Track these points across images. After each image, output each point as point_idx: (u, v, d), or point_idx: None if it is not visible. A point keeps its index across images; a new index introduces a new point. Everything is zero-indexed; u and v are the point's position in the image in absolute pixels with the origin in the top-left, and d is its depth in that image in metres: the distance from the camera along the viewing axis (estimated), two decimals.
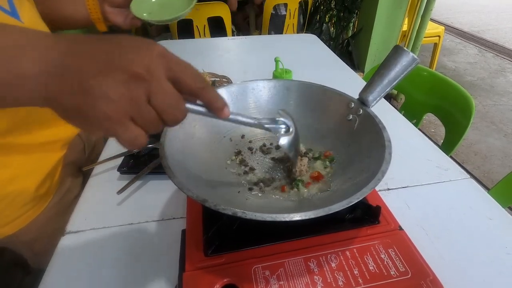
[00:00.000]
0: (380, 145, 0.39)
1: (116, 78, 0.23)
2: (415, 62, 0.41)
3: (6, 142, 0.49)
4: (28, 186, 0.52)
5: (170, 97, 0.25)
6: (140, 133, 0.25)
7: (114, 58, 0.23)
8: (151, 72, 0.24)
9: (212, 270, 0.36)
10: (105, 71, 0.23)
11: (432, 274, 0.35)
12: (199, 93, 0.27)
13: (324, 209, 0.30)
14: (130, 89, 0.23)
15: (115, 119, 0.23)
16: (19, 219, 0.53)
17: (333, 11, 2.38)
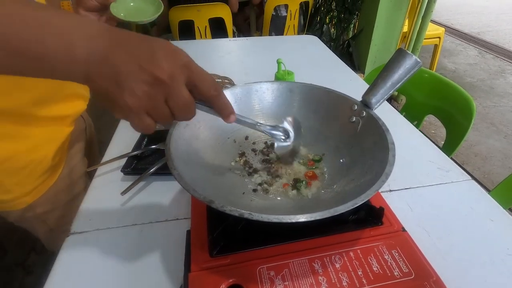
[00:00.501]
0: (383, 147, 0.39)
1: (144, 78, 0.28)
2: (418, 65, 0.42)
3: (29, 113, 0.55)
4: (46, 155, 0.58)
5: (184, 102, 0.30)
6: (151, 124, 0.30)
7: (146, 60, 0.28)
8: (173, 79, 0.29)
9: (217, 271, 0.36)
10: (137, 70, 0.28)
11: (435, 275, 0.35)
12: (212, 101, 0.33)
13: (330, 211, 0.30)
14: (151, 90, 0.28)
15: (134, 110, 0.28)
16: (37, 188, 0.59)
17: (334, 12, 2.39)
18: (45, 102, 0.56)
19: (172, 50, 0.30)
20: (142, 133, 0.34)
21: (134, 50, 0.28)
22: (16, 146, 0.54)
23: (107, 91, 0.28)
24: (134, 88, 0.28)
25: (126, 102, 0.28)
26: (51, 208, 0.62)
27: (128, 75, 0.27)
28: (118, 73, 0.27)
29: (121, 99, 0.28)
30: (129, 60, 0.28)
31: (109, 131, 0.74)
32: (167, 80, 0.28)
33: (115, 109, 0.29)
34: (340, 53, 2.27)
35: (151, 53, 0.28)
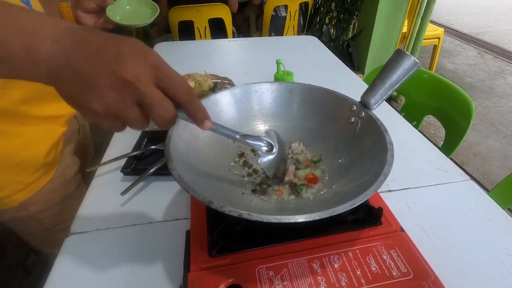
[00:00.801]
0: (382, 147, 0.39)
1: (109, 82, 0.26)
2: (417, 66, 0.42)
3: (22, 111, 0.54)
4: (39, 153, 0.58)
5: (158, 101, 0.28)
6: (121, 127, 0.29)
7: (110, 62, 0.26)
8: (139, 80, 0.27)
9: (216, 271, 0.36)
10: (101, 73, 0.26)
11: (434, 275, 0.36)
12: (185, 105, 0.31)
13: (328, 211, 0.30)
14: (118, 93, 0.27)
15: (101, 115, 0.27)
16: (31, 186, 0.58)
17: (333, 13, 2.39)
18: (37, 100, 0.56)
19: (139, 50, 0.28)
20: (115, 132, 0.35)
21: (98, 51, 0.27)
22: (8, 143, 0.54)
23: (72, 94, 0.27)
24: (100, 92, 0.26)
25: (93, 107, 0.26)
26: (46, 207, 0.62)
27: (92, 79, 0.26)
28: (81, 77, 0.26)
29: (87, 104, 0.26)
30: (93, 63, 0.26)
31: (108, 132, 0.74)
32: (133, 81, 0.26)
33: (83, 113, 0.28)
34: (339, 54, 2.27)
35: (116, 54, 0.27)
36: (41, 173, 0.59)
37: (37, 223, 0.63)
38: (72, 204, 0.56)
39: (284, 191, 0.45)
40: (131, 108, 0.28)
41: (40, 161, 0.58)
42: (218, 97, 0.49)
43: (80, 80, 0.26)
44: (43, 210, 0.62)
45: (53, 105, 0.59)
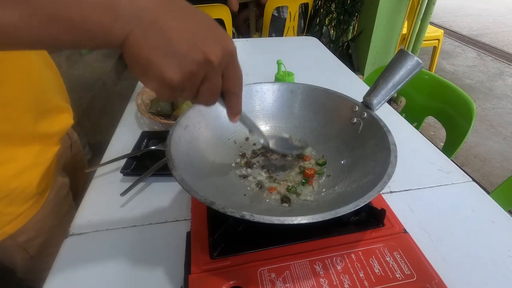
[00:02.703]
0: (385, 148, 0.39)
1: (194, 56, 0.26)
2: (420, 66, 0.42)
3: (12, 130, 0.50)
4: (31, 182, 0.53)
5: (217, 88, 0.30)
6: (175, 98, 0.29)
7: (201, 37, 0.26)
8: (220, 64, 0.28)
9: (217, 273, 0.36)
10: (190, 45, 0.26)
11: (437, 277, 0.35)
12: (230, 96, 0.33)
13: (331, 212, 0.30)
14: (198, 69, 0.27)
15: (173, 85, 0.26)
16: (21, 216, 0.53)
17: (333, 14, 2.39)
18: (29, 114, 0.51)
19: (226, 35, 0.29)
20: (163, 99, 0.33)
21: (186, 20, 0.26)
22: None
23: (149, 59, 0.25)
24: (182, 63, 0.26)
25: (169, 76, 0.25)
26: (35, 235, 0.56)
27: (178, 48, 0.25)
28: (167, 42, 0.25)
29: (164, 71, 0.25)
30: (182, 32, 0.26)
31: (108, 132, 0.73)
32: (216, 64, 0.27)
33: (150, 79, 0.26)
34: (339, 55, 2.27)
35: (206, 30, 0.27)
36: (33, 201, 0.54)
37: (21, 252, 0.57)
38: (62, 229, 0.50)
39: (276, 199, 0.44)
40: (198, 83, 0.28)
41: (33, 190, 0.53)
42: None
43: (165, 45, 0.25)
44: (32, 239, 0.56)
45: (45, 120, 0.55)
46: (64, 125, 0.61)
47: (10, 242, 0.54)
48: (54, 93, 0.58)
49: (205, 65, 0.27)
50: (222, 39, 0.28)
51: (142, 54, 0.25)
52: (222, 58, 0.28)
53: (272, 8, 1.93)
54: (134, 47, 0.25)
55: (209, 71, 0.28)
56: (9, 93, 0.48)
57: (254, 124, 0.42)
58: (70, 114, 0.63)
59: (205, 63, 0.27)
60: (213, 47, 0.27)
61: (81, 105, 1.82)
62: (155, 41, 0.25)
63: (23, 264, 0.59)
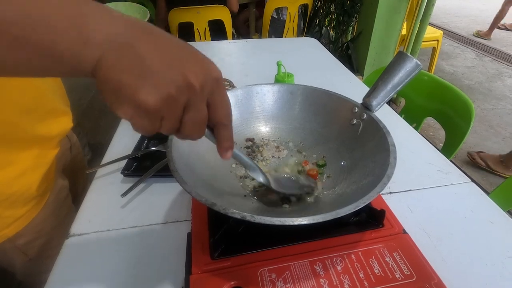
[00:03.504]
0: (384, 149, 0.39)
1: (173, 79, 0.24)
2: (419, 68, 0.42)
3: (12, 131, 0.49)
4: (31, 184, 0.53)
5: (202, 118, 0.27)
6: (153, 129, 0.26)
7: (179, 60, 0.24)
8: (203, 89, 0.25)
9: (218, 273, 0.36)
10: (167, 67, 0.24)
11: (437, 277, 0.35)
12: (219, 127, 0.29)
13: (332, 213, 0.30)
14: (177, 94, 0.24)
15: (149, 111, 0.24)
16: (21, 219, 0.53)
17: (333, 15, 2.40)
18: (28, 117, 0.51)
19: (207, 59, 0.27)
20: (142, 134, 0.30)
21: (162, 44, 0.24)
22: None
23: (122, 83, 0.23)
24: (159, 86, 0.23)
25: (143, 98, 0.23)
26: (35, 237, 0.56)
27: (155, 70, 0.23)
28: (143, 65, 0.23)
29: (137, 92, 0.23)
30: (159, 55, 0.24)
31: (108, 132, 0.73)
32: (196, 88, 0.25)
33: (122, 105, 0.24)
34: (339, 56, 2.28)
35: (185, 54, 0.25)
36: (32, 204, 0.54)
37: (20, 254, 0.57)
38: (61, 232, 0.50)
39: (277, 200, 0.44)
40: (179, 111, 0.25)
41: (32, 193, 0.53)
42: None
43: (141, 68, 0.23)
44: (31, 241, 0.56)
45: (45, 122, 0.55)
46: (63, 128, 0.61)
47: (9, 245, 0.54)
48: (54, 96, 0.58)
49: (186, 89, 0.24)
50: (205, 63, 0.26)
51: (113, 76, 0.23)
52: (205, 82, 0.25)
53: (272, 9, 1.93)
54: (104, 70, 0.23)
55: (191, 97, 0.25)
56: (9, 96, 0.48)
57: (250, 160, 0.39)
58: (70, 117, 0.64)
59: (186, 86, 0.24)
60: (195, 69, 0.25)
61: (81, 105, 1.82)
62: (128, 62, 0.23)
63: (23, 266, 0.59)
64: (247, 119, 0.52)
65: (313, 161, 0.50)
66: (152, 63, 0.23)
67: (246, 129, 0.52)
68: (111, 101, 0.24)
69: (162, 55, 0.24)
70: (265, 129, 0.53)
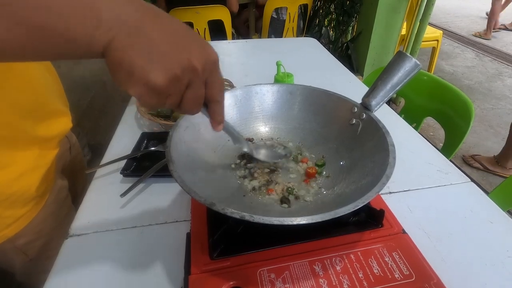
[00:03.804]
0: (383, 149, 0.39)
1: (179, 61, 0.26)
2: (418, 68, 0.42)
3: (12, 132, 0.50)
4: (30, 185, 0.53)
5: (200, 96, 0.30)
6: (162, 105, 0.29)
7: (184, 44, 0.27)
8: (204, 71, 0.28)
9: (217, 273, 0.36)
10: (174, 50, 0.26)
11: (436, 277, 0.35)
12: (212, 104, 0.33)
13: (331, 213, 0.30)
14: (182, 74, 0.27)
15: (157, 89, 0.26)
16: (21, 219, 0.53)
17: (333, 15, 2.40)
18: (28, 118, 0.52)
19: (206, 43, 0.29)
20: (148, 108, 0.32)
21: (170, 29, 0.27)
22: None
23: (134, 63, 0.25)
24: (167, 67, 0.26)
25: (154, 79, 0.25)
26: (35, 238, 0.57)
27: (164, 52, 0.26)
28: (153, 47, 0.25)
29: (148, 74, 0.25)
30: (166, 38, 0.26)
31: (107, 133, 0.73)
32: (198, 70, 0.28)
33: (133, 84, 0.26)
34: (339, 56, 2.28)
35: (189, 38, 0.28)
36: (32, 205, 0.54)
37: (20, 255, 0.57)
38: (61, 232, 0.50)
39: (275, 200, 0.44)
40: (182, 90, 0.28)
41: (32, 194, 0.53)
42: None
43: (150, 49, 0.25)
44: (31, 242, 0.56)
45: (44, 123, 0.55)
46: (63, 128, 0.62)
47: (9, 245, 0.54)
48: (53, 97, 0.58)
49: (189, 70, 0.27)
50: (205, 47, 0.29)
51: (126, 58, 0.25)
52: (205, 65, 0.28)
53: (271, 9, 1.93)
54: (117, 51, 0.25)
55: (193, 77, 0.28)
56: (8, 97, 0.48)
57: (238, 133, 0.43)
58: (69, 117, 0.64)
59: (189, 68, 0.27)
60: (197, 54, 0.27)
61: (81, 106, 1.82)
62: (139, 45, 0.25)
63: (22, 267, 0.59)
64: (246, 119, 0.52)
65: (313, 161, 0.50)
66: (161, 45, 0.26)
67: (246, 129, 0.52)
68: (123, 81, 0.26)
69: (170, 38, 0.26)
70: (265, 129, 0.53)
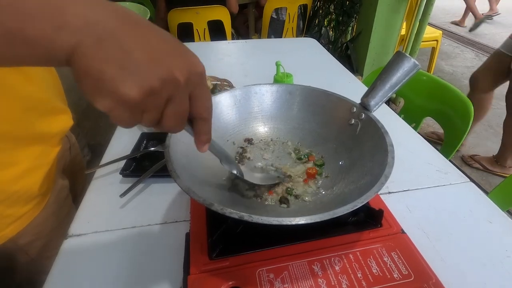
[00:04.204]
0: (382, 149, 0.39)
1: (158, 72, 0.23)
2: (416, 68, 0.42)
3: (14, 130, 0.49)
4: (32, 184, 0.53)
5: (184, 111, 0.26)
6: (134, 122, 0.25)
7: (164, 53, 0.24)
8: (187, 83, 0.25)
9: (216, 273, 0.36)
10: (152, 59, 0.23)
11: (435, 277, 0.35)
12: (198, 121, 0.29)
13: (329, 213, 0.30)
14: (161, 87, 0.23)
15: (130, 103, 0.23)
16: (22, 218, 0.53)
17: (332, 15, 2.40)
18: (28, 115, 0.51)
19: (190, 52, 0.26)
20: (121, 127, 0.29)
21: (148, 36, 0.24)
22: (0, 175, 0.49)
23: (102, 73, 0.22)
24: (142, 77, 0.22)
25: (126, 93, 0.22)
26: (36, 237, 0.56)
27: (140, 61, 0.22)
28: (126, 56, 0.22)
29: (118, 85, 0.22)
30: (143, 46, 0.23)
31: (107, 133, 0.73)
32: (181, 82, 0.24)
33: (101, 97, 0.22)
34: (338, 56, 2.28)
35: (170, 47, 0.24)
36: (34, 204, 0.54)
37: (22, 254, 0.57)
38: (62, 232, 0.50)
39: (275, 200, 0.44)
40: (161, 105, 0.25)
41: (34, 193, 0.53)
42: (218, 99, 0.49)
43: (123, 56, 0.22)
44: (32, 241, 0.56)
45: (45, 120, 0.55)
46: (64, 125, 0.61)
47: (10, 245, 0.54)
48: (52, 94, 0.58)
49: (170, 82, 0.24)
50: (190, 58, 0.26)
51: (94, 66, 0.21)
52: (189, 77, 0.25)
53: (271, 9, 1.93)
54: (83, 59, 0.21)
55: (174, 90, 0.24)
56: (10, 94, 0.48)
57: (226, 153, 0.39)
58: (69, 115, 0.64)
59: (170, 80, 0.23)
60: (179, 63, 0.24)
61: (81, 105, 1.82)
62: (110, 52, 0.22)
63: (24, 266, 0.59)
64: (245, 119, 0.52)
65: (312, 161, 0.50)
66: (136, 53, 0.22)
67: (245, 129, 0.52)
68: (89, 92, 0.22)
69: (146, 47, 0.23)
70: (264, 129, 0.53)
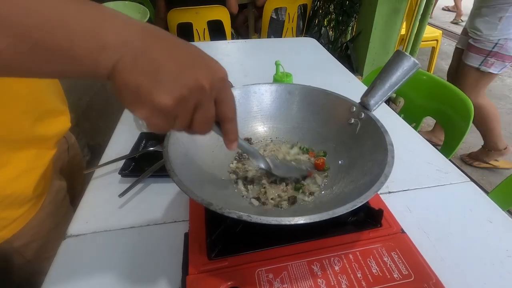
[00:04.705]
0: (382, 148, 0.39)
1: (185, 81, 0.26)
2: (416, 67, 0.42)
3: (10, 132, 0.49)
4: (27, 186, 0.53)
5: (211, 115, 0.30)
6: (167, 128, 0.28)
7: (189, 64, 0.27)
8: (212, 89, 0.28)
9: (215, 273, 0.36)
10: (180, 71, 0.26)
11: (435, 277, 0.35)
12: (225, 122, 0.33)
13: (329, 213, 0.30)
14: (189, 95, 0.27)
15: (164, 111, 0.26)
16: (17, 220, 0.53)
17: (332, 15, 2.40)
18: (25, 117, 0.51)
19: (213, 60, 0.29)
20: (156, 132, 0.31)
21: (174, 50, 0.27)
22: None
23: (139, 86, 0.25)
24: (174, 88, 0.26)
25: (161, 101, 0.25)
26: (32, 239, 0.56)
27: (170, 73, 0.26)
28: (158, 69, 0.26)
29: (154, 96, 0.25)
30: (171, 59, 0.26)
31: (107, 133, 0.73)
32: (206, 89, 0.27)
33: (140, 106, 0.26)
34: (338, 56, 2.28)
35: (194, 58, 0.28)
36: (29, 206, 0.54)
37: (18, 256, 0.56)
38: (59, 233, 0.50)
39: (284, 203, 0.43)
40: (191, 111, 0.28)
41: (29, 195, 0.53)
42: None
43: (156, 72, 0.25)
44: (29, 243, 0.56)
45: (43, 122, 0.54)
46: (61, 128, 0.61)
47: (6, 247, 0.53)
48: (51, 96, 0.58)
49: (197, 90, 0.27)
50: (212, 65, 0.29)
51: (132, 79, 0.25)
52: (213, 83, 0.28)
53: (271, 9, 1.93)
54: (122, 73, 0.25)
55: (201, 97, 0.28)
56: (6, 96, 0.47)
57: (253, 149, 0.42)
58: (68, 116, 0.63)
59: (197, 88, 0.27)
60: (204, 72, 0.27)
61: (81, 106, 1.82)
62: (145, 67, 0.25)
63: (20, 268, 0.58)
64: (244, 118, 0.52)
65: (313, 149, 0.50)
66: (166, 66, 0.26)
67: (244, 129, 0.52)
68: (129, 103, 0.26)
69: (175, 59, 0.26)
70: (263, 129, 0.53)
